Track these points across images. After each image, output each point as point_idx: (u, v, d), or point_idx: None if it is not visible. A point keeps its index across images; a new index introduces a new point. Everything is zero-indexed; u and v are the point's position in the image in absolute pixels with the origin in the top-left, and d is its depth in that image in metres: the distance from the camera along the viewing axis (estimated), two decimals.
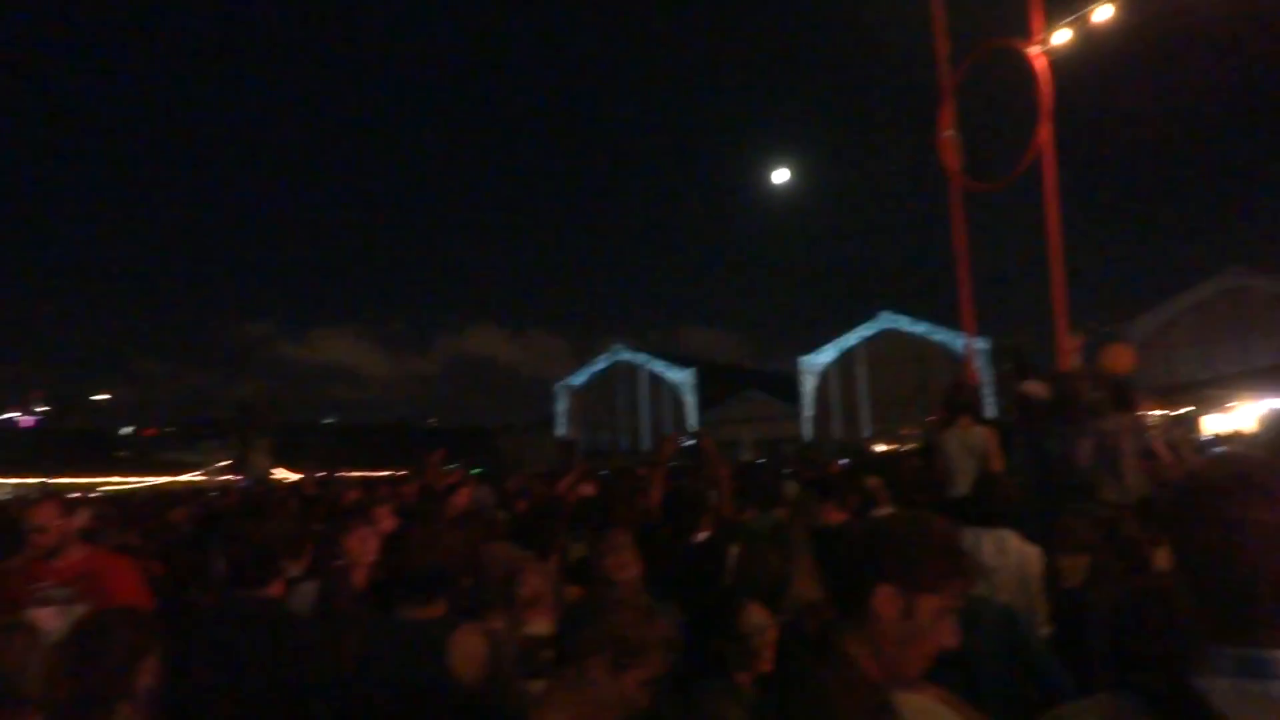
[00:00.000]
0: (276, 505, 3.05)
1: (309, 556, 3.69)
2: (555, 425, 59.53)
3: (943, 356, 46.81)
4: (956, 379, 7.77)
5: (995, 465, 5.98)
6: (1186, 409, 25.38)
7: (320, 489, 11.04)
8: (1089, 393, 6.02)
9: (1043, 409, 6.36)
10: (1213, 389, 26.61)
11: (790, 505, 7.01)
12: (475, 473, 16.14)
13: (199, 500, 13.46)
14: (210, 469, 68.17)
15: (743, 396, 54.21)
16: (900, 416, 44.66)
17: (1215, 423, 24.14)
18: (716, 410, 53.14)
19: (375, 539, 3.92)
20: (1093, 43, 9.09)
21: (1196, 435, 21.99)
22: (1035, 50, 8.58)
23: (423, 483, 8.54)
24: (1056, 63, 8.69)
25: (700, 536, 4.88)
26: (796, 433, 49.73)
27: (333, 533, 4.13)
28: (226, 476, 53.88)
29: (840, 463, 18.21)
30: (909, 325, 50.10)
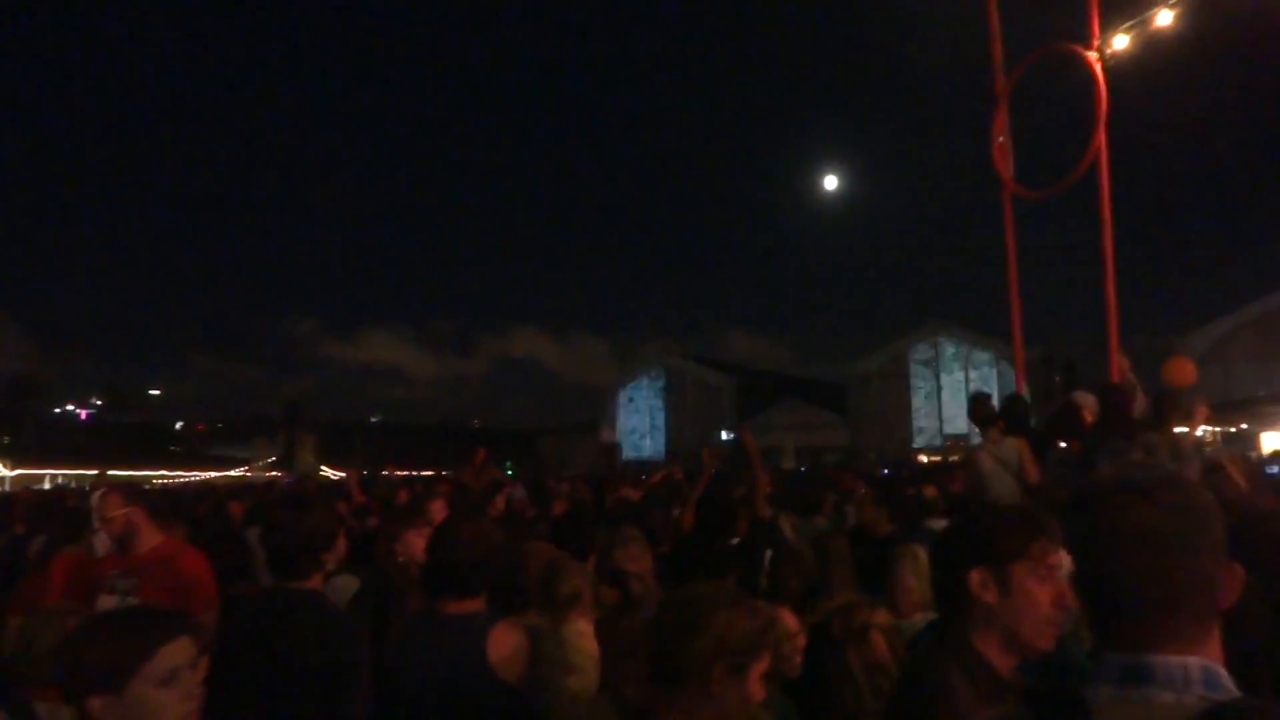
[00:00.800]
0: (315, 499, 3.08)
1: (343, 550, 3.73)
2: (598, 429, 59.77)
3: (990, 367, 46.14)
4: (979, 393, 7.58)
5: (1030, 476, 5.86)
6: (1242, 425, 24.76)
7: (369, 488, 11.20)
8: (1139, 406, 5.89)
9: (1090, 421, 6.23)
10: (1271, 406, 25.93)
11: (829, 514, 6.96)
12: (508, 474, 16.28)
13: (249, 494, 13.68)
14: (257, 464, 69.45)
15: (784, 405, 53.85)
16: (946, 427, 44.08)
17: (1273, 440, 23.52)
18: (758, 418, 52.89)
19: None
20: (1153, 48, 8.90)
21: (1252, 453, 21.44)
22: (1093, 56, 8.41)
23: (460, 481, 8.61)
24: (1115, 68, 8.52)
25: (735, 541, 4.87)
26: (838, 442, 49.29)
27: (389, 530, 4.17)
28: (274, 473, 54.96)
29: (883, 473, 18.03)
30: (957, 334, 49.44)
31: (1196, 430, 6.13)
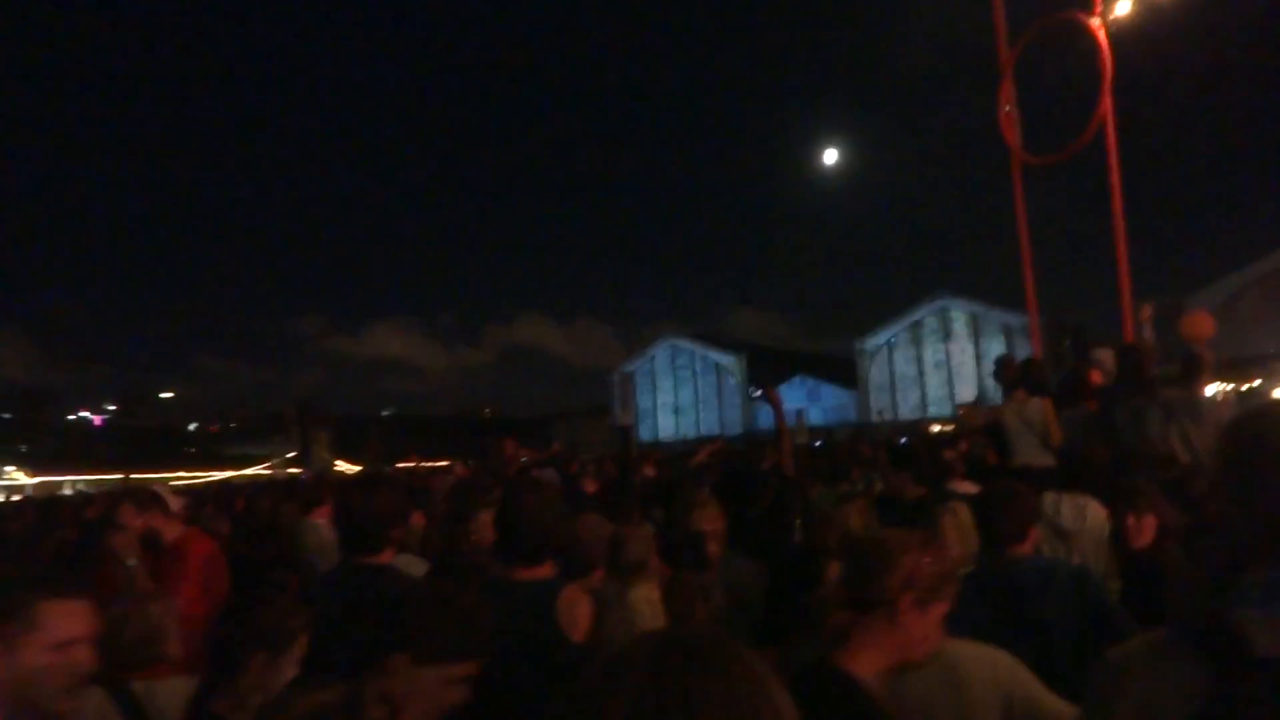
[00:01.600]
0: (384, 480, 3.29)
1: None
2: (610, 412, 59.91)
3: (1000, 336, 46.11)
4: (1006, 356, 7.75)
5: (1054, 436, 6.02)
6: (1256, 382, 24.76)
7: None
8: (1156, 364, 6.00)
9: (1098, 383, 6.37)
10: None
11: (858, 480, 7.10)
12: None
13: (274, 491, 13.92)
14: (275, 462, 69.84)
15: (794, 381, 53.96)
16: (958, 396, 44.13)
17: None
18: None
19: None
20: (1154, 9, 8.96)
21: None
22: (1095, 22, 8.48)
23: (491, 468, 8.78)
24: (1117, 33, 8.60)
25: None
26: (850, 416, 49.44)
27: (461, 511, 4.39)
28: (291, 470, 55.33)
29: (901, 441, 18.13)
30: (966, 305, 49.43)
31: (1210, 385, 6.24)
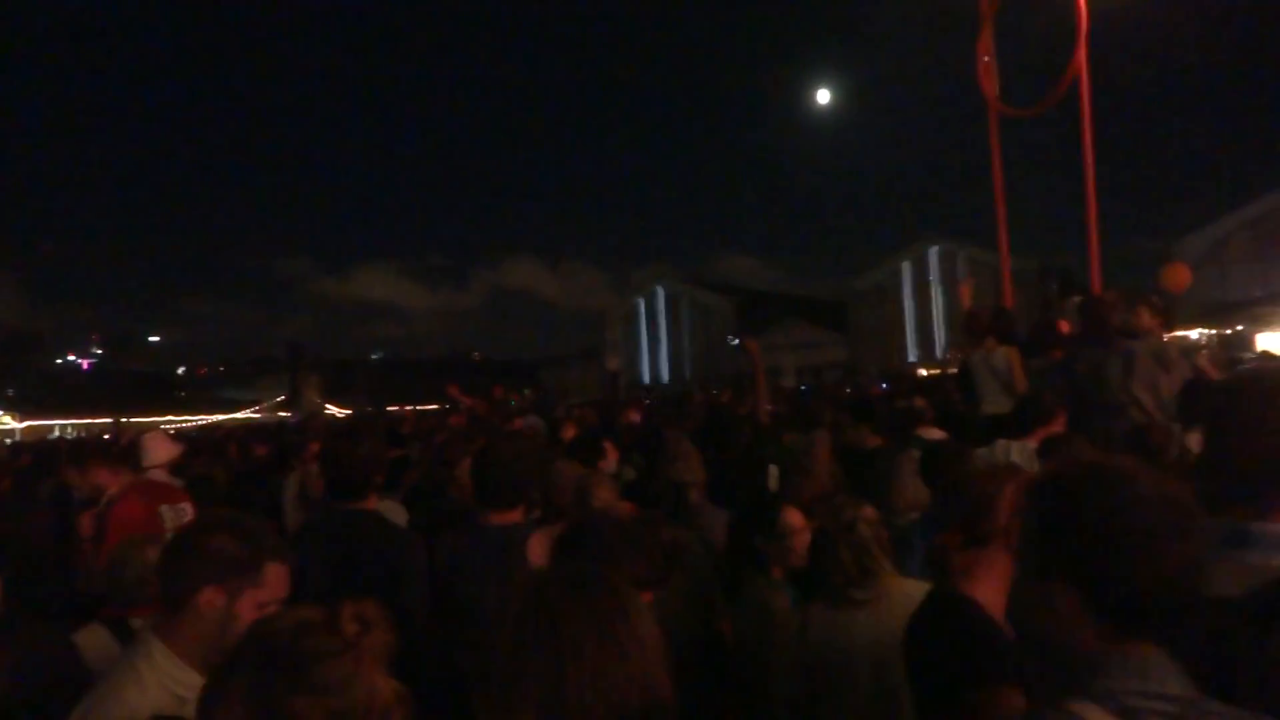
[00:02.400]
0: (367, 428, 3.47)
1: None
2: (599, 356, 60.04)
3: (987, 280, 46.26)
4: (975, 305, 7.92)
5: (1019, 385, 6.20)
6: (1239, 327, 25.05)
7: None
8: (1119, 314, 6.13)
9: (1066, 332, 6.53)
10: (1266, 307, 26.17)
11: (829, 426, 7.31)
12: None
13: (265, 435, 14.11)
14: (266, 405, 70.03)
15: (784, 324, 54.07)
16: (943, 341, 44.49)
17: (1269, 341, 23.84)
18: (758, 339, 53.16)
19: None
20: None
21: (1244, 353, 21.84)
22: None
23: (472, 413, 8.97)
24: None
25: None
26: (839, 359, 49.71)
27: (451, 457, 4.58)
28: (283, 413, 55.57)
29: (881, 387, 18.43)
30: (951, 250, 49.43)
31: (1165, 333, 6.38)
